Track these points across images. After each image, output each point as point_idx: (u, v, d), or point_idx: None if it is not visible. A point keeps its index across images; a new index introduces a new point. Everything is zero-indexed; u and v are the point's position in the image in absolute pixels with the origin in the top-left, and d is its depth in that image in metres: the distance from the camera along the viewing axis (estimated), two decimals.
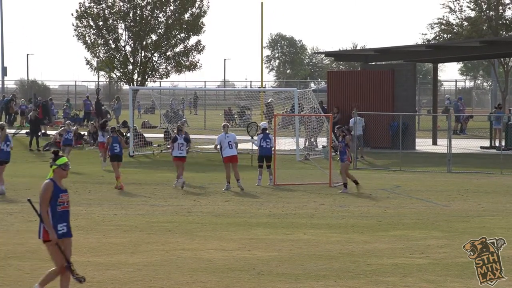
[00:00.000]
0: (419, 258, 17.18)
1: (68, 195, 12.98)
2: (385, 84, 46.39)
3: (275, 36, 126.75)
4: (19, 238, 19.47)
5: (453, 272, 15.82)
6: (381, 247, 18.37)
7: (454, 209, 24.82)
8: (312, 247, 18.17)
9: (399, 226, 21.27)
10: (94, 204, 25.65)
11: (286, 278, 15.21)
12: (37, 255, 17.33)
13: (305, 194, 28.45)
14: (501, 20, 58.91)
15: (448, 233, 20.28)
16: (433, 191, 29.18)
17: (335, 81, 49.50)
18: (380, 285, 14.70)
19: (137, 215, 23.34)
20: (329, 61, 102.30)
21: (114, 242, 19.00)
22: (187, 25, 50.93)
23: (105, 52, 51.43)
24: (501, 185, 31.13)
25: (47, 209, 12.73)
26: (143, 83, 51.37)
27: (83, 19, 51.04)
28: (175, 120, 59.93)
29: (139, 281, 14.86)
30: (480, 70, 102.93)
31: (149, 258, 17.11)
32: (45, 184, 12.79)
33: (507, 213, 23.83)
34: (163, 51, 51.22)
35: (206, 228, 20.92)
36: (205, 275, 15.38)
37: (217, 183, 31.05)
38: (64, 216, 12.80)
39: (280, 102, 50.09)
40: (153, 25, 50.86)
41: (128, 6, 50.83)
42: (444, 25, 59.96)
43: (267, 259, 17.03)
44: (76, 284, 13.12)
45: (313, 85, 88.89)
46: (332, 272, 15.73)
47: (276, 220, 22.36)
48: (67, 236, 12.85)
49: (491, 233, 20.26)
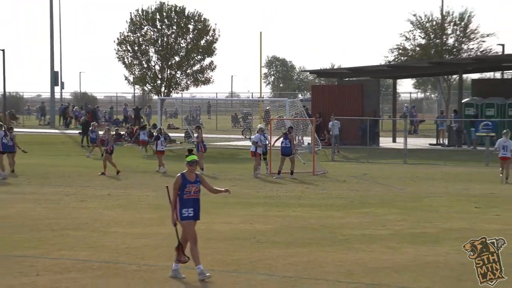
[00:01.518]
0: (381, 230, 17.21)
1: (197, 185, 12.40)
2: (356, 95, 46.46)
3: (271, 57, 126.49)
4: (74, 213, 19.50)
5: (407, 240, 15.84)
6: (352, 221, 18.39)
7: (408, 191, 24.85)
8: (299, 221, 18.20)
9: (366, 205, 21.29)
10: (131, 187, 25.69)
11: (279, 245, 15.23)
12: (87, 227, 17.38)
13: (293, 181, 28.49)
14: (444, 46, 58.96)
15: (404, 210, 20.30)
16: (392, 178, 29.20)
17: (317, 93, 49.60)
18: (351, 250, 14.71)
19: (163, 196, 23.30)
20: (312, 77, 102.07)
21: (146, 217, 19.03)
22: (202, 49, 51.03)
23: (139, 70, 51.54)
24: (444, 173, 31.16)
25: (175, 197, 12.38)
26: (168, 94, 51.42)
27: (123, 45, 51.17)
28: (194, 123, 59.96)
29: (165, 247, 14.88)
30: (429, 84, 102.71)
31: (173, 229, 17.10)
32: (176, 177, 12.46)
33: (449, 195, 23.85)
34: (184, 70, 51.30)
35: (217, 206, 20.93)
36: (216, 243, 15.40)
37: (226, 171, 31.06)
38: (190, 202, 12.30)
39: (275, 109, 50.13)
40: (176, 49, 50.93)
41: (157, 35, 50.95)
42: (401, 50, 59.97)
43: (264, 230, 17.05)
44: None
45: (301, 96, 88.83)
46: (314, 240, 15.75)
47: (271, 201, 22.39)
48: (191, 219, 12.35)
49: (437, 210, 20.33)
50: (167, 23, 51.06)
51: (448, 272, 12.85)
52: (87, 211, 20.03)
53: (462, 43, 59.43)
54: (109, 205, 21.15)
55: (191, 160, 12.48)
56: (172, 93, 52.33)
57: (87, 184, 26.70)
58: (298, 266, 13.25)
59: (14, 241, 15.63)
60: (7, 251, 14.53)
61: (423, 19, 59.76)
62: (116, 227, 17.49)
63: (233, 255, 14.23)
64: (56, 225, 17.63)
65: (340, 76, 51.87)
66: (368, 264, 13.44)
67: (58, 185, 26.18)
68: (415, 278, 12.37)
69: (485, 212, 19.94)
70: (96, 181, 27.52)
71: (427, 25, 59.73)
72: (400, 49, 60.04)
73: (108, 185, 26.41)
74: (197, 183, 12.45)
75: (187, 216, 12.35)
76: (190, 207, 12.35)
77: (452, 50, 59.15)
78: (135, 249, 14.77)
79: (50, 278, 12.29)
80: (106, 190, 24.88)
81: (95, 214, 19.46)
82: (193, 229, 12.43)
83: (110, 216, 19.04)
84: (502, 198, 23.09)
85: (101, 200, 22.33)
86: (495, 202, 22.05)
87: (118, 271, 12.83)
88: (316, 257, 13.97)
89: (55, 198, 22.57)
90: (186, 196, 12.33)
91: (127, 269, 13.01)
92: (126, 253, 14.38)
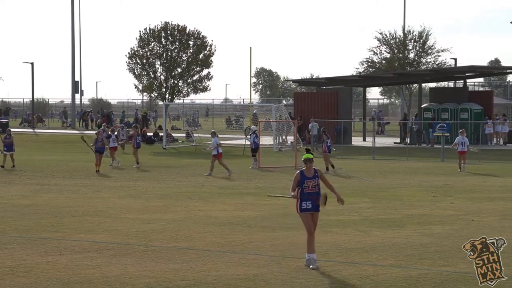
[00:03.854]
0: (354, 216, 17.19)
1: (315, 180, 11.67)
2: (332, 101, 46.44)
3: (259, 69, 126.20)
4: (90, 202, 19.41)
5: (376, 225, 15.83)
6: (328, 208, 18.25)
7: (377, 183, 24.85)
8: (284, 209, 18.15)
9: (341, 195, 21.22)
10: (140, 180, 25.60)
11: (267, 229, 15.19)
12: (102, 213, 17.29)
13: (279, 174, 28.43)
14: (406, 60, 59.07)
15: (373, 199, 20.30)
16: (363, 171, 29.20)
17: (299, 99, 49.60)
18: (328, 233, 14.69)
19: (168, 187, 23.29)
20: (295, 85, 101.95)
21: (153, 205, 18.96)
22: (201, 62, 51.01)
23: (147, 80, 51.47)
24: (407, 167, 31.18)
25: (294, 192, 11.75)
26: (172, 100, 51.33)
27: (133, 58, 51.11)
28: (193, 124, 59.82)
29: (169, 230, 14.83)
30: (394, 92, 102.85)
31: (176, 215, 17.08)
32: (295, 174, 11.89)
33: (411, 186, 23.86)
34: (185, 79, 51.24)
35: (214, 196, 20.90)
36: (213, 227, 15.35)
37: (221, 167, 30.95)
38: (308, 196, 11.64)
39: (262, 113, 50.07)
40: (178, 62, 50.88)
41: (162, 50, 50.91)
42: (370, 63, 60.04)
43: (254, 216, 17.01)
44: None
45: (285, 102, 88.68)
46: (296, 225, 15.62)
47: (260, 191, 22.31)
48: (310, 211, 11.76)
49: (400, 199, 20.32)
50: (171, 39, 51.00)
51: (410, 252, 12.83)
52: (102, 200, 19.94)
53: (421, 57, 59.57)
54: (121, 195, 21.06)
55: (305, 158, 11.82)
56: (175, 99, 52.24)
57: (102, 176, 26.59)
58: (283, 247, 13.23)
59: (40, 225, 15.55)
60: (34, 234, 14.45)
61: (388, 36, 59.88)
62: (127, 213, 17.40)
63: (227, 237, 14.18)
64: (76, 212, 17.54)
65: (318, 84, 51.92)
66: (342, 245, 13.42)
67: (77, 178, 26.06)
68: (383, 256, 12.36)
69: (441, 201, 19.95)
70: (109, 174, 27.40)
71: (392, 41, 59.82)
72: (369, 62, 60.11)
73: (120, 178, 26.31)
74: (315, 178, 11.74)
75: (305, 209, 11.76)
76: (308, 200, 11.73)
77: (413, 63, 59.25)
78: (144, 232, 14.71)
79: (71, 257, 12.23)
80: (119, 182, 24.78)
81: (109, 202, 19.37)
82: (310, 221, 11.83)
83: (122, 204, 18.95)
84: (456, 188, 23.11)
85: (114, 190, 22.23)
86: (450, 192, 22.06)
87: (129, 251, 12.77)
88: (298, 239, 13.92)
89: (75, 189, 22.46)
90: (305, 191, 11.70)
91: (136, 250, 12.95)
92: (136, 236, 14.31)
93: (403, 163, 33.73)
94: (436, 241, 13.78)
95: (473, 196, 20.94)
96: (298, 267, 11.52)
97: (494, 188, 23.13)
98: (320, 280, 10.70)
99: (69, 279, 10.64)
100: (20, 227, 15.32)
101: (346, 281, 10.65)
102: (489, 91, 59.56)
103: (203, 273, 11.04)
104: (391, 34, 59.93)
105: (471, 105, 46.61)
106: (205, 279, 10.69)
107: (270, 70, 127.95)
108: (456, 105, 46.63)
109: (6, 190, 22.24)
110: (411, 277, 10.89)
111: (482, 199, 20.23)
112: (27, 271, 11.18)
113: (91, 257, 12.24)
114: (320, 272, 11.18)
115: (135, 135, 30.96)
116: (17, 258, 12.16)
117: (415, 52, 59.62)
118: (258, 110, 51.77)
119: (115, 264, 11.66)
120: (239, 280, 10.64)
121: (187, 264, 11.66)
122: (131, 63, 51.14)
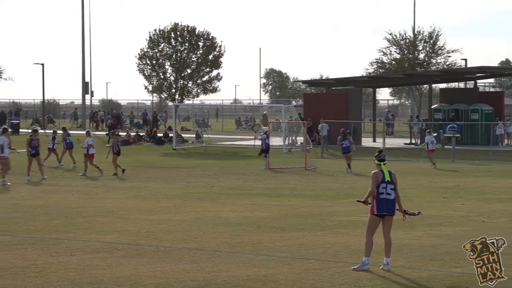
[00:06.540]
0: (364, 216, 17.06)
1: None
2: (342, 102, 46.34)
3: (269, 69, 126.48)
4: (101, 202, 19.46)
5: None
6: (339, 209, 18.35)
7: None
8: (293, 210, 18.15)
9: (351, 195, 21.20)
10: (150, 180, 25.63)
11: (276, 230, 15.17)
12: (113, 214, 17.32)
13: (289, 174, 28.41)
14: (416, 60, 58.98)
15: None
16: None
17: (309, 100, 49.53)
18: (339, 234, 14.67)
19: (178, 188, 23.31)
20: (304, 86, 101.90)
21: (163, 206, 18.98)
22: (210, 63, 51.10)
23: (157, 81, 51.60)
24: (417, 168, 31.09)
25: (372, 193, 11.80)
26: (181, 101, 51.46)
27: (143, 59, 51.25)
28: (203, 125, 59.89)
29: (179, 231, 14.84)
30: (403, 93, 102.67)
31: (186, 216, 17.09)
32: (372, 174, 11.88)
33: (421, 187, 23.80)
34: (195, 80, 51.34)
35: (223, 197, 20.90)
36: (223, 228, 15.35)
37: (230, 167, 30.99)
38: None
39: (272, 114, 50.10)
40: (188, 63, 50.99)
41: (172, 51, 51.04)
42: (380, 63, 60.01)
43: (263, 217, 17.00)
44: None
45: (294, 103, 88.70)
46: (306, 226, 15.71)
47: (270, 192, 22.32)
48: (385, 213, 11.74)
49: (411, 200, 20.22)
50: (180, 40, 51.10)
51: (421, 253, 12.80)
52: (112, 200, 19.98)
53: (431, 58, 59.48)
54: (131, 196, 21.10)
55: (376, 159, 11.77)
56: (184, 100, 52.38)
57: (112, 177, 26.65)
58: (293, 248, 13.20)
59: (52, 226, 15.59)
60: (46, 234, 14.50)
61: (398, 37, 59.83)
62: (137, 214, 17.44)
63: (237, 238, 14.17)
64: (86, 212, 17.58)
65: (328, 85, 51.83)
66: (352, 246, 13.39)
67: (87, 178, 26.12)
68: (393, 257, 12.31)
69: (451, 202, 19.89)
70: (119, 175, 27.44)
71: (401, 42, 59.78)
72: (378, 62, 60.10)
73: (130, 178, 26.35)
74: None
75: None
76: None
77: (423, 63, 59.19)
78: (154, 233, 14.72)
79: (82, 257, 12.26)
80: (129, 183, 24.82)
81: (119, 203, 19.41)
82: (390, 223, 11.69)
83: (132, 205, 18.99)
84: (466, 189, 23.02)
85: (124, 191, 22.28)
86: (460, 193, 21.99)
87: (139, 252, 12.79)
88: (308, 240, 13.92)
89: (85, 190, 22.52)
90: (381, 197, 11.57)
91: (146, 250, 12.96)
92: (146, 236, 14.33)
93: (413, 164, 33.63)
94: (447, 242, 13.73)
95: (484, 197, 20.86)
96: (308, 268, 11.51)
97: (505, 189, 23.04)
98: (330, 281, 10.68)
99: (79, 279, 10.68)
100: (31, 227, 15.38)
101: (357, 282, 10.63)
102: (499, 91, 59.44)
103: (213, 274, 11.05)
104: (401, 34, 59.96)
105: (481, 106, 46.42)
106: (215, 280, 10.70)
107: (279, 71, 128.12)
108: (466, 106, 46.45)
109: (17, 191, 22.34)
110: (421, 278, 10.86)
111: (493, 200, 20.15)
112: (38, 271, 11.23)
113: (102, 257, 12.27)
114: (330, 273, 11.17)
115: (115, 141, 30.07)
116: (29, 258, 12.21)
117: (425, 53, 59.59)
118: (268, 111, 51.84)
119: (125, 265, 11.68)
120: (249, 281, 10.64)
121: (197, 265, 11.67)
122: (141, 64, 51.29)
